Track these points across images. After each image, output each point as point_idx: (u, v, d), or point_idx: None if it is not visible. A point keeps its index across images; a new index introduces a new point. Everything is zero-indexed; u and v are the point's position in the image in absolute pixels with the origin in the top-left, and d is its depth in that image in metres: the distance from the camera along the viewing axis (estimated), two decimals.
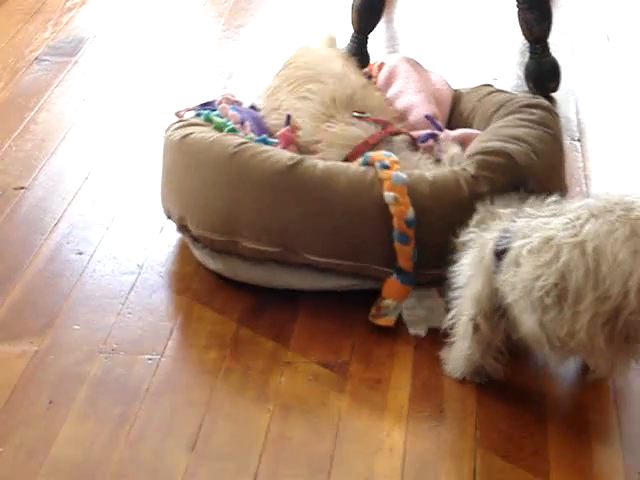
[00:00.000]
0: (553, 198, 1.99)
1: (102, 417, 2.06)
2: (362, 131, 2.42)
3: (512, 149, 2.29)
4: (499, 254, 1.95)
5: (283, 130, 2.50)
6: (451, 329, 2.09)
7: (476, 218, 2.07)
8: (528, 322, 1.91)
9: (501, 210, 2.02)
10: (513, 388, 2.10)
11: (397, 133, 2.45)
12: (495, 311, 1.99)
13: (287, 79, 2.61)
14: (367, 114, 2.47)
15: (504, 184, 2.22)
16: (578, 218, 1.85)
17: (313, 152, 2.44)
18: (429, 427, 2.01)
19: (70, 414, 2.06)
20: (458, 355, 2.08)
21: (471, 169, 2.26)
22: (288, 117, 2.52)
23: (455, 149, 2.36)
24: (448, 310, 2.11)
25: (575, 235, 1.83)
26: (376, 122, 2.45)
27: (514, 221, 1.96)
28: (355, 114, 2.46)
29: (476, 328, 2.02)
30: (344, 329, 2.25)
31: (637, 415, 2.03)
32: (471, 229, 2.05)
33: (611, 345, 1.86)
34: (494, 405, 2.06)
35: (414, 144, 2.45)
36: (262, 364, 2.17)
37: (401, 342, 2.21)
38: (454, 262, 2.06)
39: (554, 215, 1.91)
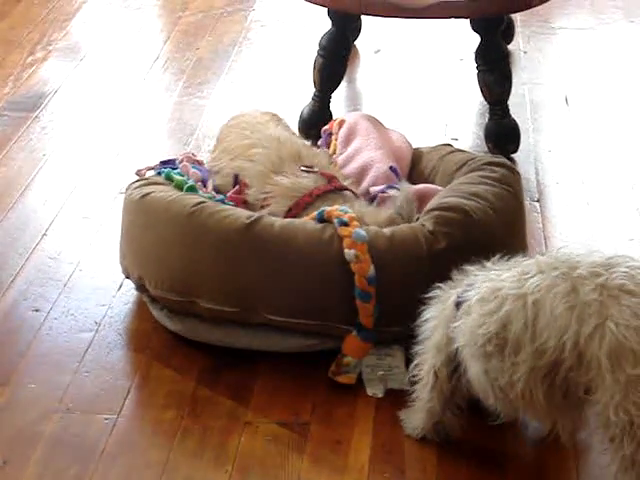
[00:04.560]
0: (516, 258, 2.01)
1: (57, 478, 2.02)
2: (312, 183, 2.43)
3: (469, 205, 2.30)
4: (458, 305, 1.97)
5: (230, 193, 2.50)
6: (413, 382, 2.08)
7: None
8: (474, 370, 1.93)
9: (468, 267, 2.03)
10: (474, 449, 2.09)
11: (342, 189, 2.46)
12: (452, 360, 2.00)
13: (225, 150, 2.62)
14: (315, 168, 2.48)
15: (461, 239, 2.23)
16: (526, 272, 1.89)
17: (263, 207, 2.44)
18: None
19: (25, 474, 2.03)
20: (419, 408, 2.08)
21: (429, 225, 2.28)
22: (235, 177, 2.52)
23: (406, 192, 2.37)
24: (409, 369, 2.10)
25: (519, 288, 1.87)
26: (323, 176, 2.46)
27: (476, 275, 1.98)
28: (303, 168, 2.47)
29: (435, 376, 2.02)
30: (304, 389, 2.23)
31: (597, 476, 2.02)
32: (439, 285, 2.06)
33: (550, 400, 1.87)
34: (455, 466, 2.05)
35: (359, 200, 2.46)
36: (221, 424, 2.15)
37: (362, 403, 2.20)
38: (419, 316, 2.06)
39: (508, 269, 1.94)
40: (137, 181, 2.51)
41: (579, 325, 1.79)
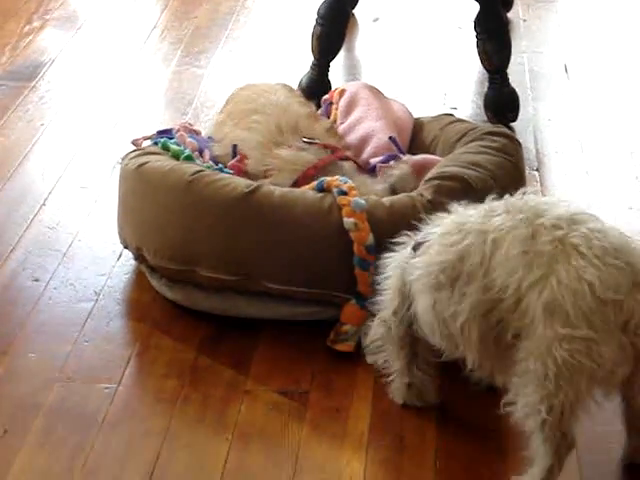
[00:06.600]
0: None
1: (58, 447, 2.03)
2: (313, 156, 2.43)
3: (469, 174, 2.30)
4: (416, 247, 1.98)
5: (232, 161, 2.49)
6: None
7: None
8: (422, 303, 1.95)
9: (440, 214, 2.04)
10: (473, 418, 2.10)
11: (346, 158, 2.45)
12: (402, 303, 2.01)
13: (230, 114, 2.62)
14: (317, 140, 2.47)
15: None
16: (493, 210, 1.91)
17: (266, 178, 2.44)
18: (389, 456, 2.01)
19: (25, 443, 2.03)
20: (394, 374, 2.09)
21: (428, 194, 2.27)
22: (234, 147, 2.51)
23: (403, 169, 2.37)
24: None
25: (483, 223, 1.89)
26: (325, 147, 2.46)
27: (443, 218, 2.00)
28: (305, 140, 2.46)
29: (387, 328, 2.04)
30: (304, 357, 2.24)
31: (595, 446, 2.03)
32: (405, 232, 2.07)
33: (484, 340, 1.88)
34: (454, 434, 2.06)
35: (361, 171, 2.46)
36: (221, 392, 2.16)
37: (361, 371, 2.20)
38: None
39: (476, 208, 1.96)
40: (133, 151, 2.51)
41: (526, 271, 1.81)
